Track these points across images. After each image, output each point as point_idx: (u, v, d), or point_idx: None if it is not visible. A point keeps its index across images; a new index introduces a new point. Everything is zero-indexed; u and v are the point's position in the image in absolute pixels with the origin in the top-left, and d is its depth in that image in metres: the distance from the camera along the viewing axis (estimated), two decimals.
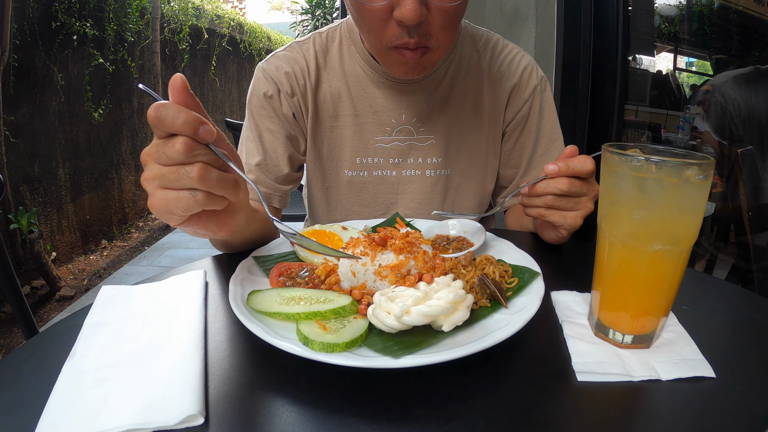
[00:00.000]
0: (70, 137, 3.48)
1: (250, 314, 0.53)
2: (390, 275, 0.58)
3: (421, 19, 0.72)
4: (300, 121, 0.98)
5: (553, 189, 0.69)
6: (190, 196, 0.49)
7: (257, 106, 0.96)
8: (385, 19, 0.74)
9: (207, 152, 0.49)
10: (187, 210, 0.50)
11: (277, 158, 0.96)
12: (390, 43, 0.77)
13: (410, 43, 0.75)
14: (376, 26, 0.76)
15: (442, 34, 0.77)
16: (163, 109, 0.47)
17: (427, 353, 0.47)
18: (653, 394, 0.46)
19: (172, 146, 0.47)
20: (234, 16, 6.24)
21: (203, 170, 0.48)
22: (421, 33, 0.75)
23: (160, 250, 3.80)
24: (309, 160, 1.02)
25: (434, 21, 0.74)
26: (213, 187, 0.49)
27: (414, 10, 0.70)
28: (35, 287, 3.02)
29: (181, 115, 0.47)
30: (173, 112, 0.47)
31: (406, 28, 0.74)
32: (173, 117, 0.47)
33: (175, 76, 0.49)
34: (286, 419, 0.43)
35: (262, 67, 0.97)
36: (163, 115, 0.47)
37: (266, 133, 0.96)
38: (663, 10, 2.01)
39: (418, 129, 0.98)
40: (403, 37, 0.75)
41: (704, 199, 0.48)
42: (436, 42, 0.78)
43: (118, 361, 0.50)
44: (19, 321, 1.41)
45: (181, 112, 0.47)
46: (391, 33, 0.76)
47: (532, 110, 1.00)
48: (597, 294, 0.55)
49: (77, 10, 3.38)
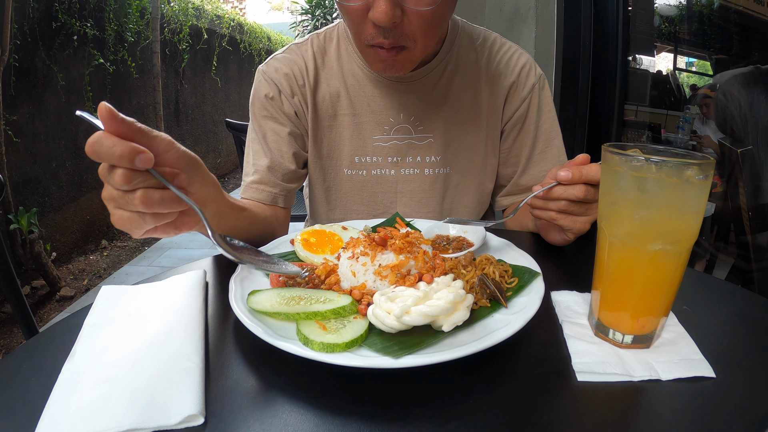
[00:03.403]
0: (70, 137, 3.47)
1: (250, 314, 0.53)
2: (390, 275, 0.58)
3: (395, 20, 0.73)
4: (302, 120, 1.00)
5: (570, 195, 0.70)
6: (139, 217, 0.53)
7: (259, 108, 0.98)
8: (361, 19, 0.76)
9: (147, 177, 0.51)
10: (140, 228, 0.54)
11: (282, 157, 0.97)
12: (367, 42, 0.79)
13: (384, 43, 0.77)
14: (354, 25, 0.79)
15: (419, 36, 0.79)
16: (97, 145, 0.48)
17: (427, 353, 0.47)
18: (653, 394, 0.46)
19: (113, 177, 0.49)
20: (234, 17, 6.24)
21: (144, 196, 0.51)
22: (397, 34, 0.77)
23: (160, 250, 3.80)
24: (310, 159, 1.02)
25: (410, 24, 0.76)
26: (157, 208, 0.52)
27: (386, 13, 0.71)
28: (35, 287, 3.02)
29: (116, 149, 0.48)
30: (108, 147, 0.48)
31: (381, 29, 0.76)
32: (108, 152, 0.48)
33: (101, 105, 0.48)
34: (285, 419, 0.43)
35: (262, 70, 0.99)
36: (98, 151, 0.48)
37: (270, 133, 0.97)
38: (663, 10, 2.01)
39: (416, 128, 0.99)
40: (377, 37, 0.77)
41: (704, 199, 0.48)
42: (413, 43, 0.79)
43: (118, 361, 0.50)
44: (19, 321, 1.41)
45: (116, 146, 0.48)
46: (367, 32, 0.78)
47: (530, 108, 1.00)
48: (597, 294, 0.55)
49: (77, 10, 3.38)
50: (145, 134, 0.52)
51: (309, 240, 0.74)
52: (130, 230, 0.54)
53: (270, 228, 0.90)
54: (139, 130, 0.51)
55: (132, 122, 0.50)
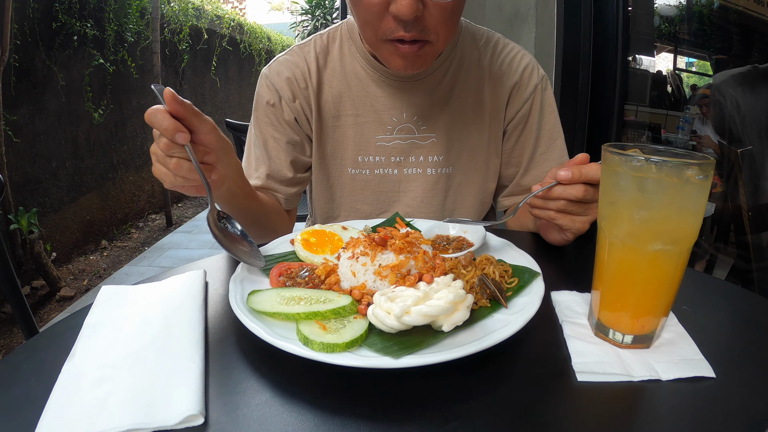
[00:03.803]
0: (70, 137, 3.48)
1: (250, 314, 0.53)
2: (390, 275, 0.58)
3: (417, 14, 0.73)
4: (303, 125, 1.01)
5: (569, 195, 0.70)
6: (171, 175, 0.67)
7: (262, 114, 1.00)
8: (381, 14, 0.76)
9: (183, 150, 0.65)
10: (170, 184, 0.68)
11: (281, 164, 1.00)
12: (385, 36, 0.79)
13: (405, 36, 0.77)
14: (372, 20, 0.78)
15: (441, 29, 0.78)
16: (152, 115, 0.63)
17: (427, 353, 0.47)
18: (653, 394, 0.46)
19: (159, 142, 0.65)
20: (234, 17, 6.23)
21: (176, 164, 0.65)
22: (419, 28, 0.76)
23: (160, 251, 3.80)
24: (314, 159, 1.03)
25: (431, 17, 0.76)
26: (185, 174, 0.66)
27: (410, 5, 0.71)
28: (35, 287, 3.02)
29: (164, 122, 0.63)
30: (159, 119, 0.63)
31: (402, 23, 0.75)
32: (159, 123, 0.63)
33: (166, 89, 0.63)
34: (286, 419, 0.43)
35: (265, 74, 1.00)
36: (152, 120, 0.63)
37: (270, 140, 1.00)
38: (663, 10, 2.01)
39: (419, 127, 0.99)
40: (398, 30, 0.77)
41: (704, 199, 0.48)
42: (435, 36, 0.79)
43: (118, 361, 0.50)
44: (19, 321, 1.41)
45: (165, 120, 0.63)
46: (386, 27, 0.77)
47: (532, 109, 1.00)
48: (597, 294, 0.55)
49: (77, 10, 3.38)
50: (196, 115, 0.66)
51: (309, 240, 0.74)
52: (162, 181, 0.68)
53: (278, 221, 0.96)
54: (192, 111, 0.65)
55: (189, 104, 0.65)
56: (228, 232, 0.70)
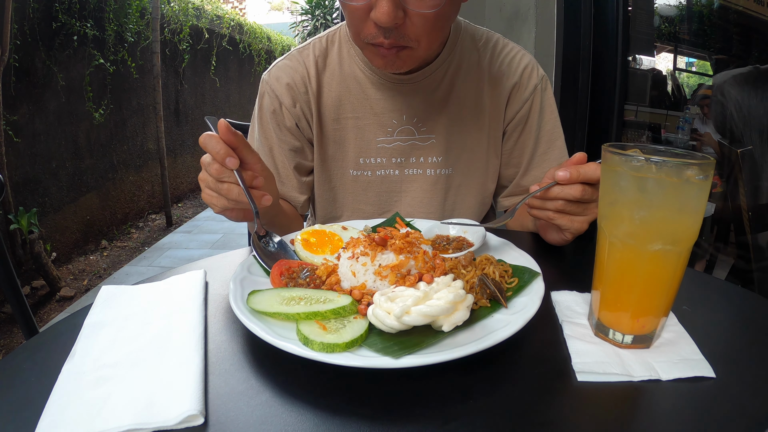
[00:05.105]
0: (70, 137, 3.48)
1: (250, 314, 0.53)
2: (390, 275, 0.58)
3: (397, 22, 0.74)
4: (304, 129, 1.01)
5: (567, 195, 0.70)
6: (223, 199, 0.72)
7: (265, 120, 1.01)
8: (363, 18, 0.77)
9: (231, 176, 0.70)
10: (220, 208, 0.73)
11: (286, 169, 1.02)
12: (366, 40, 0.80)
13: (384, 42, 0.78)
14: (356, 23, 0.79)
15: (422, 38, 0.79)
16: (206, 140, 0.68)
17: (427, 353, 0.47)
18: (653, 394, 0.46)
19: (210, 167, 0.69)
20: (234, 17, 6.23)
21: (228, 189, 0.70)
22: (398, 35, 0.77)
23: (160, 251, 3.80)
24: (315, 162, 1.03)
25: (413, 25, 0.76)
26: (235, 197, 0.70)
27: (388, 14, 0.72)
28: (35, 287, 3.02)
29: (217, 146, 0.68)
30: (213, 143, 0.68)
31: (382, 29, 0.76)
32: (212, 147, 0.68)
33: (221, 121, 0.69)
34: (286, 419, 0.43)
35: (265, 80, 1.01)
36: (206, 144, 0.68)
37: (275, 146, 1.01)
38: (663, 10, 2.01)
39: (419, 129, 0.99)
40: (378, 36, 0.78)
41: (704, 199, 0.48)
42: (416, 43, 0.80)
43: (118, 361, 0.50)
44: (19, 321, 1.41)
45: (218, 145, 0.68)
46: (368, 31, 0.78)
47: (532, 109, 1.00)
48: (597, 294, 0.55)
49: (77, 10, 3.38)
50: (246, 146, 0.72)
51: (309, 240, 0.74)
52: (212, 206, 0.73)
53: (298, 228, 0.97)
54: (243, 142, 0.71)
55: (240, 135, 0.70)
56: (268, 250, 0.72)
